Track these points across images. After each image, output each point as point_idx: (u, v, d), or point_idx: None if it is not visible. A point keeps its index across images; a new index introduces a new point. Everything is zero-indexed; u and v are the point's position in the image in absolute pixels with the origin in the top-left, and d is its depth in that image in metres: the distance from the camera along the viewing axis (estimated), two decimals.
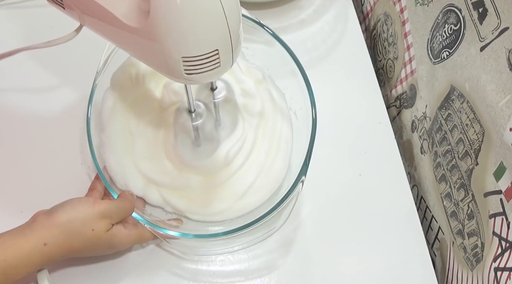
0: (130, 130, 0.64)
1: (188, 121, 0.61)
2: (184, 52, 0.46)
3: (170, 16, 0.44)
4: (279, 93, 0.69)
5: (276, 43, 0.65)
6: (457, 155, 0.63)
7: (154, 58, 0.48)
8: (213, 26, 0.45)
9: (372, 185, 0.70)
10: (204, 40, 0.45)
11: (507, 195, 0.54)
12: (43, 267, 0.58)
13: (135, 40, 0.48)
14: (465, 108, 0.61)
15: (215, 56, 0.47)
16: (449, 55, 0.65)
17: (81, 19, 0.54)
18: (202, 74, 0.48)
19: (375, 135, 0.75)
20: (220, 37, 0.46)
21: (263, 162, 0.64)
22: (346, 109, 0.77)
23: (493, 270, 0.56)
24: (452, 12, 0.63)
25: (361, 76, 0.81)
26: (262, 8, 0.87)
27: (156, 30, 0.45)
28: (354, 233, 0.66)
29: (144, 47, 0.48)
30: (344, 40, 0.85)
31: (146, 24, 0.46)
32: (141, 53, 0.50)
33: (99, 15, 0.50)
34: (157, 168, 0.63)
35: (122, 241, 0.58)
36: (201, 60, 0.46)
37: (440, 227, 0.69)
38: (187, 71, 0.47)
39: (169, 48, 0.46)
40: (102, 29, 0.52)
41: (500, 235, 0.55)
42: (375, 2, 0.89)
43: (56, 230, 0.54)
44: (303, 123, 0.63)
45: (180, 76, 0.48)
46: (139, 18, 0.47)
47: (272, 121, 0.66)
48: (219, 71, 0.48)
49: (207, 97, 0.63)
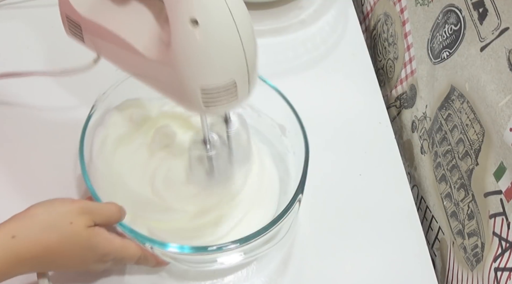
0: (116, 168, 0.64)
1: (203, 152, 0.61)
2: (203, 84, 0.46)
3: (190, 48, 0.45)
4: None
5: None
6: (457, 155, 0.63)
7: (174, 89, 0.49)
8: (231, 58, 0.46)
9: (372, 185, 0.70)
10: (222, 71, 0.46)
11: (507, 195, 0.54)
12: (10, 274, 0.47)
13: (154, 72, 0.49)
14: (465, 109, 0.61)
15: (232, 87, 0.47)
16: (449, 55, 0.65)
17: (100, 51, 0.54)
18: (220, 106, 0.48)
19: (375, 135, 0.75)
20: (238, 69, 0.47)
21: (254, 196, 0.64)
22: (346, 109, 0.77)
23: (493, 270, 0.56)
24: (452, 12, 0.63)
25: (361, 76, 0.81)
26: (262, 8, 0.87)
27: (176, 61, 0.46)
28: (354, 233, 0.66)
29: (164, 79, 0.48)
30: (344, 40, 0.85)
31: (166, 56, 0.46)
32: (160, 85, 0.50)
33: (119, 48, 0.50)
34: (145, 201, 0.62)
35: (103, 244, 0.51)
36: (219, 92, 0.47)
37: (440, 227, 0.69)
38: (206, 103, 0.48)
39: (188, 79, 0.46)
40: (122, 61, 0.52)
41: (500, 235, 0.55)
42: (375, 2, 0.89)
43: (29, 221, 0.47)
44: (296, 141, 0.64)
45: (199, 108, 0.48)
46: (160, 50, 0.47)
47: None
48: (235, 104, 0.49)
49: (220, 128, 0.63)
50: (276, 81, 0.70)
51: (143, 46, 0.48)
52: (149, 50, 0.48)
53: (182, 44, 0.45)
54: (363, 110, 0.77)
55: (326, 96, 0.78)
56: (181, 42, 0.45)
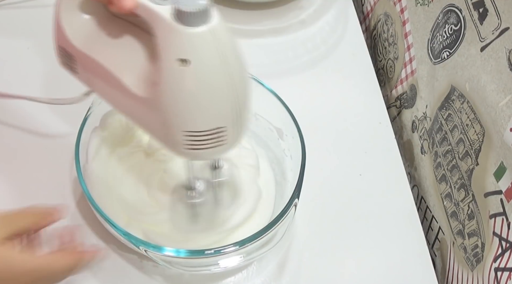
0: (112, 171, 0.63)
1: (187, 198, 0.60)
2: (188, 127, 0.44)
3: (178, 92, 0.43)
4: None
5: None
6: (458, 155, 0.63)
7: (157, 129, 0.47)
8: (220, 103, 0.44)
9: (372, 185, 0.70)
10: (209, 117, 0.44)
11: (507, 195, 0.54)
12: None
13: (140, 109, 0.47)
14: (466, 109, 0.61)
15: (220, 133, 0.45)
16: (449, 55, 0.65)
17: (92, 85, 0.52)
18: (205, 151, 0.46)
19: (375, 135, 0.75)
20: (229, 114, 0.44)
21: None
22: (346, 109, 0.77)
23: (493, 270, 0.56)
24: (452, 12, 0.63)
25: (361, 76, 0.81)
26: (262, 8, 0.87)
27: (163, 102, 0.44)
28: (354, 233, 0.66)
29: (148, 117, 0.46)
30: (344, 40, 0.85)
31: (152, 96, 0.44)
32: (144, 123, 0.48)
33: (109, 82, 0.49)
34: (140, 204, 0.61)
35: (20, 262, 0.42)
36: (205, 136, 0.45)
37: (440, 227, 0.69)
38: (189, 146, 0.45)
39: (173, 121, 0.44)
40: (110, 96, 0.50)
41: (501, 235, 0.55)
42: (376, 2, 0.89)
43: None
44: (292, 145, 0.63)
45: (180, 150, 0.46)
46: (147, 88, 0.46)
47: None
48: (222, 149, 0.46)
49: (207, 174, 0.61)
50: (276, 81, 0.70)
51: (131, 82, 0.47)
52: (137, 87, 0.46)
53: (169, 83, 0.43)
54: (363, 110, 0.77)
55: (326, 96, 0.78)
56: (168, 81, 0.43)
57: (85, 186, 0.56)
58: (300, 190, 0.58)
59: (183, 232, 0.60)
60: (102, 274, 0.60)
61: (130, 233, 0.54)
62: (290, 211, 0.57)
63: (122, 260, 0.61)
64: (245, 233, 0.57)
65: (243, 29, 0.85)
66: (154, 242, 0.55)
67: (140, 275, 0.61)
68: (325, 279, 0.63)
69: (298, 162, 0.60)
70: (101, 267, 0.60)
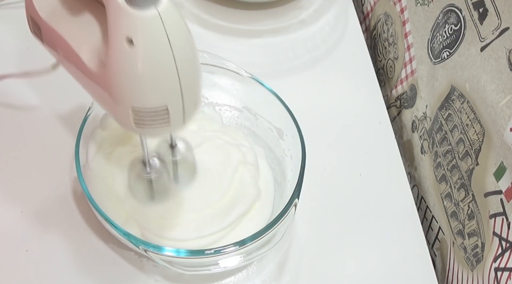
0: (113, 172, 0.63)
1: (143, 173, 0.61)
2: (134, 103, 0.46)
3: (123, 69, 0.45)
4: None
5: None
6: (458, 155, 0.63)
7: (109, 104, 0.49)
8: (164, 83, 0.46)
9: (372, 185, 0.70)
10: (153, 94, 0.46)
11: (507, 195, 0.54)
12: None
13: (94, 84, 0.49)
14: (466, 109, 0.61)
15: (164, 112, 0.47)
16: (449, 55, 0.65)
17: (55, 55, 0.55)
18: (151, 129, 0.48)
19: (375, 135, 0.75)
20: (170, 95, 0.46)
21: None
22: (346, 109, 0.77)
23: (493, 270, 0.56)
24: (452, 12, 0.63)
25: (361, 76, 0.81)
26: (262, 8, 0.87)
27: (111, 78, 0.46)
28: (354, 233, 0.66)
29: (101, 93, 0.49)
30: (344, 40, 0.85)
31: (103, 71, 0.47)
32: (99, 98, 0.51)
33: (68, 55, 0.51)
34: (139, 204, 0.62)
35: None
36: (150, 114, 0.47)
37: (440, 227, 0.69)
38: (137, 122, 0.48)
39: (120, 97, 0.47)
40: (70, 69, 0.53)
41: (501, 235, 0.55)
42: (376, 2, 0.89)
43: None
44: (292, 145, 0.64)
45: (130, 126, 0.48)
46: (99, 65, 0.48)
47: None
48: (168, 129, 0.49)
49: (165, 153, 0.62)
50: (276, 81, 0.71)
51: (87, 57, 0.49)
52: (91, 62, 0.48)
53: (116, 62, 0.45)
54: (363, 110, 0.77)
55: (326, 96, 0.78)
56: (115, 59, 0.45)
57: (85, 186, 0.56)
58: (300, 190, 0.58)
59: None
60: (102, 274, 0.60)
61: (129, 232, 0.54)
62: (290, 211, 0.57)
63: (121, 259, 0.61)
64: (244, 233, 0.57)
65: (243, 29, 0.85)
66: (152, 242, 0.55)
67: (140, 275, 0.61)
68: (325, 279, 0.63)
69: (298, 161, 0.60)
70: (101, 267, 0.60)
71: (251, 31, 0.85)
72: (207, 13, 0.86)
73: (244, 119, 0.70)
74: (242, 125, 0.70)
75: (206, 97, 0.71)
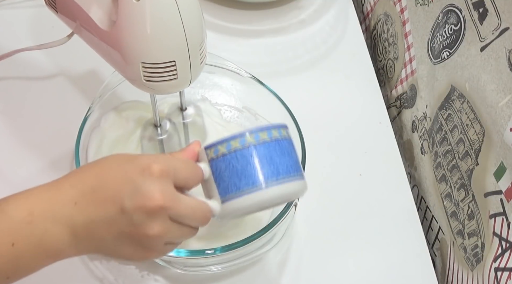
0: None
1: (154, 135, 0.63)
2: (143, 58, 0.49)
3: (132, 25, 0.48)
4: None
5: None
6: (458, 155, 0.63)
7: (120, 62, 0.51)
8: (171, 39, 0.49)
9: (372, 185, 0.70)
10: (162, 49, 0.49)
11: (507, 195, 0.54)
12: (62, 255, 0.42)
13: (104, 44, 0.52)
14: (465, 109, 0.61)
15: (172, 67, 0.49)
16: (449, 55, 0.65)
17: (70, 23, 0.57)
18: (160, 84, 0.51)
19: (375, 135, 0.75)
20: (178, 50, 0.49)
21: None
22: (346, 109, 0.77)
23: (493, 270, 0.56)
24: (452, 12, 0.63)
25: (361, 76, 0.81)
26: (262, 8, 0.87)
27: (121, 35, 0.49)
28: (354, 233, 0.66)
29: (112, 51, 0.51)
30: (344, 40, 0.85)
31: (113, 29, 0.50)
32: (110, 58, 0.53)
33: (81, 18, 0.54)
34: None
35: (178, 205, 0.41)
36: (159, 69, 0.49)
37: (440, 227, 0.69)
38: (146, 77, 0.50)
39: (130, 53, 0.49)
40: (84, 33, 0.55)
41: (500, 235, 0.55)
42: (376, 2, 0.89)
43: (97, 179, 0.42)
44: None
45: (140, 82, 0.51)
46: (109, 24, 0.51)
47: None
48: (176, 84, 0.51)
49: (176, 117, 0.65)
50: (276, 81, 0.71)
51: (97, 17, 0.51)
52: (101, 22, 0.51)
53: (125, 17, 0.48)
54: (363, 110, 0.77)
55: (326, 96, 0.78)
56: (124, 15, 0.48)
57: None
58: None
59: None
60: (102, 274, 0.60)
61: None
62: (290, 211, 0.57)
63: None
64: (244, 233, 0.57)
65: (243, 29, 0.85)
66: None
67: (140, 274, 0.61)
68: (325, 279, 0.63)
69: None
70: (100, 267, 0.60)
71: (251, 31, 0.85)
72: (207, 13, 0.85)
73: (244, 119, 0.70)
74: (242, 125, 0.70)
75: (206, 97, 0.71)
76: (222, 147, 0.43)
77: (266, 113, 0.68)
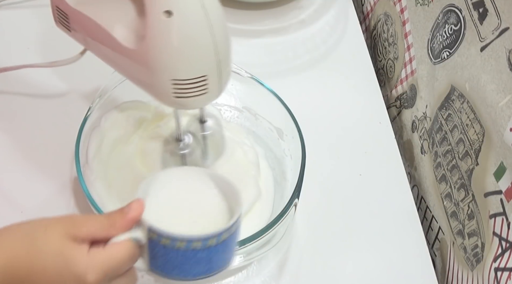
0: (112, 170, 0.63)
1: (177, 150, 0.62)
2: (174, 75, 0.48)
3: (163, 42, 0.47)
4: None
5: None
6: (457, 155, 0.63)
7: (147, 80, 0.50)
8: (202, 53, 0.48)
9: (372, 185, 0.70)
10: (193, 65, 0.48)
11: (507, 195, 0.54)
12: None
13: (129, 62, 0.51)
14: (465, 109, 0.61)
15: (203, 82, 0.49)
16: (449, 55, 0.65)
17: (84, 42, 0.56)
18: (191, 99, 0.50)
19: (375, 135, 0.75)
20: (209, 64, 0.49)
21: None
22: (346, 109, 0.77)
23: (493, 270, 0.56)
24: (452, 12, 0.64)
25: (361, 76, 0.81)
26: (262, 8, 0.87)
27: (150, 53, 0.48)
28: (354, 233, 0.66)
29: (138, 69, 0.50)
30: (344, 40, 0.85)
31: (141, 47, 0.49)
32: (135, 76, 0.52)
33: (100, 37, 0.53)
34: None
35: (80, 261, 0.40)
36: (190, 84, 0.49)
37: (440, 227, 0.69)
38: (176, 94, 0.49)
39: (160, 70, 0.48)
40: (102, 51, 0.54)
41: (500, 235, 0.55)
42: (376, 2, 0.89)
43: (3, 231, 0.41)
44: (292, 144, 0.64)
45: (169, 99, 0.50)
46: (135, 41, 0.50)
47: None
48: (206, 99, 0.51)
49: (196, 129, 0.64)
50: (276, 81, 0.71)
51: (121, 36, 0.51)
52: (126, 40, 0.50)
53: (155, 34, 0.47)
54: (363, 111, 0.77)
55: (326, 96, 0.78)
56: (154, 32, 0.47)
57: (85, 186, 0.56)
58: (300, 190, 0.58)
59: None
60: None
61: None
62: (290, 211, 0.57)
63: None
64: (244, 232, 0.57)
65: (243, 29, 0.85)
66: None
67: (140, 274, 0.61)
68: (325, 279, 0.63)
69: (298, 161, 0.60)
70: None
71: (251, 31, 0.85)
72: None
73: (244, 119, 0.70)
74: (242, 125, 0.70)
75: None
76: (166, 239, 0.43)
77: (266, 113, 0.68)
